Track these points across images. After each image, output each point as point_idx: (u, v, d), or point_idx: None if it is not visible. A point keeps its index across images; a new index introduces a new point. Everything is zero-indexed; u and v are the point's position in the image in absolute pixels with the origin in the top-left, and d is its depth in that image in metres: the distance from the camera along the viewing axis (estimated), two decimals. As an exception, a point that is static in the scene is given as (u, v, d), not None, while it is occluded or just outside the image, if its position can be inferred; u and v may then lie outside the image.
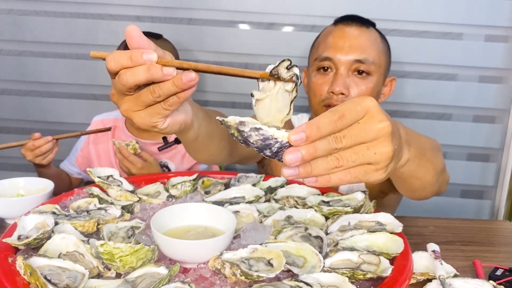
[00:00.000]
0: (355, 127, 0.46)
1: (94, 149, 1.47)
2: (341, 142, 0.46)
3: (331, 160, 0.46)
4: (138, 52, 0.52)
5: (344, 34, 1.10)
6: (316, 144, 0.45)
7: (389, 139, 0.48)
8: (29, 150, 1.25)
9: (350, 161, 0.46)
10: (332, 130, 0.45)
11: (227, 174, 1.11)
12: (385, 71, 1.14)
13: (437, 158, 0.72)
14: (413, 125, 1.68)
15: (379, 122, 0.47)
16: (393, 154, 0.49)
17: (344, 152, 0.46)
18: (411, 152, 0.60)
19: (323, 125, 0.45)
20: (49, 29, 1.63)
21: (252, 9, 1.61)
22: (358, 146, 0.47)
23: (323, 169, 0.46)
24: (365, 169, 0.48)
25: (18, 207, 0.94)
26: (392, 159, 0.49)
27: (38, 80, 1.68)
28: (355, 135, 0.46)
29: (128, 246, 0.67)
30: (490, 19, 1.59)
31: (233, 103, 1.71)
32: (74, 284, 0.63)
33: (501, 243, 0.98)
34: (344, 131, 0.46)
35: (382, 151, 0.48)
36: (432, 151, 0.71)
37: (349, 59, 1.08)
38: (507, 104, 1.66)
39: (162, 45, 1.34)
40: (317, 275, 0.68)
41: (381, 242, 0.79)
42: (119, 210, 0.90)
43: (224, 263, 0.68)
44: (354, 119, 0.46)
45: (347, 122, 0.46)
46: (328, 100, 1.10)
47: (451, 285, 0.73)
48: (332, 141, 0.46)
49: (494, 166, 1.72)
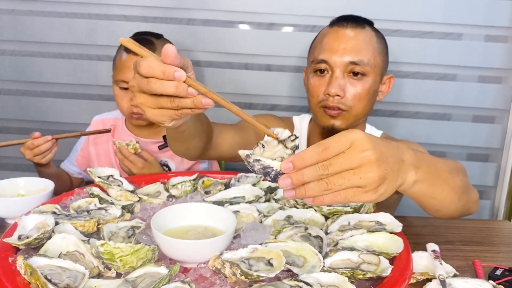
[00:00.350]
0: (340, 156, 0.55)
1: (94, 149, 1.47)
2: (327, 169, 0.55)
3: (322, 184, 0.55)
4: (171, 69, 0.59)
5: (338, 36, 1.11)
6: (303, 172, 0.55)
7: (374, 165, 0.56)
8: (28, 149, 1.25)
9: (337, 185, 0.55)
10: (316, 160, 0.55)
11: (227, 174, 1.11)
12: (382, 70, 1.14)
13: (455, 179, 0.75)
14: (413, 125, 1.69)
15: (363, 151, 0.55)
16: (379, 178, 0.56)
17: (332, 177, 0.55)
18: (419, 174, 0.65)
19: (308, 157, 0.55)
20: (50, 29, 1.63)
21: (252, 9, 1.61)
22: (345, 172, 0.55)
23: (315, 191, 0.56)
24: (354, 192, 0.56)
25: (18, 207, 0.94)
26: (380, 183, 0.57)
27: (38, 80, 1.68)
28: (340, 163, 0.55)
29: (128, 246, 0.67)
30: (490, 20, 1.59)
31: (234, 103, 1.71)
32: (74, 284, 0.63)
33: (501, 243, 0.98)
34: (330, 160, 0.55)
35: (367, 176, 0.55)
36: (449, 172, 0.75)
37: (343, 61, 1.09)
38: (507, 104, 1.66)
39: (162, 44, 1.34)
40: (317, 274, 0.68)
41: (380, 242, 0.79)
42: (119, 210, 0.90)
43: (224, 263, 0.68)
44: (338, 150, 0.55)
45: (331, 153, 0.55)
46: (324, 101, 1.12)
47: (451, 285, 0.73)
48: (319, 168, 0.55)
49: (493, 166, 1.72)
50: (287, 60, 1.64)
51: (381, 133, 1.24)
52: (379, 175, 0.56)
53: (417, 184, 0.66)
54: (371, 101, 1.14)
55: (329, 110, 1.11)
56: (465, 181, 0.78)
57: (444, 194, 0.74)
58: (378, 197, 0.58)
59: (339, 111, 1.10)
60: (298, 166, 0.56)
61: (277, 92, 1.68)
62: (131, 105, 1.32)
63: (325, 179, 0.56)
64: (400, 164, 0.62)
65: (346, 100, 1.10)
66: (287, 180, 0.56)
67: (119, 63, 1.32)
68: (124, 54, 1.31)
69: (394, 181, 0.60)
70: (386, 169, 0.57)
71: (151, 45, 1.31)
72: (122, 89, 1.33)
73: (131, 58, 1.29)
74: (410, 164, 0.64)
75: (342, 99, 1.10)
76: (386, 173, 0.57)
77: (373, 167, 0.56)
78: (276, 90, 1.68)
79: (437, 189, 0.72)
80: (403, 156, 0.63)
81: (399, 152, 0.62)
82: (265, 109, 1.70)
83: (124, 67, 1.30)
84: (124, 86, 1.31)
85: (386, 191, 0.59)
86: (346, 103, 1.10)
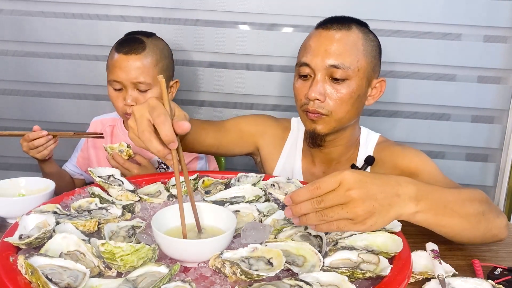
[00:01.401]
0: (330, 193, 0.66)
1: (94, 152, 1.48)
2: (320, 204, 0.66)
3: (318, 215, 0.67)
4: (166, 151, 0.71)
5: (320, 39, 1.08)
6: (301, 205, 0.68)
7: (358, 202, 0.65)
8: (25, 141, 1.26)
9: (329, 217, 0.67)
10: (310, 197, 0.67)
11: (227, 174, 1.12)
12: (369, 73, 1.10)
13: (467, 208, 0.79)
14: (412, 125, 1.69)
15: (348, 190, 0.65)
16: (365, 213, 0.66)
17: (326, 210, 0.67)
18: (421, 206, 0.72)
19: (302, 194, 0.67)
20: (51, 30, 1.64)
21: (252, 10, 1.61)
22: (335, 207, 0.66)
23: (314, 220, 0.68)
24: (345, 223, 0.67)
25: (19, 207, 0.94)
26: (367, 216, 0.67)
27: (40, 81, 1.69)
28: (330, 199, 0.66)
29: (129, 245, 0.68)
30: (489, 20, 1.59)
31: (235, 103, 1.72)
32: (75, 283, 0.64)
33: (500, 242, 0.98)
34: (322, 196, 0.66)
35: (353, 211, 0.66)
36: (460, 202, 0.78)
37: (324, 64, 1.06)
38: (506, 104, 1.66)
39: (154, 42, 1.34)
40: (317, 274, 0.68)
41: (380, 241, 0.80)
42: (120, 210, 0.90)
43: (224, 262, 0.69)
44: (328, 188, 0.66)
45: (321, 190, 0.66)
46: (306, 105, 1.09)
47: (450, 284, 0.73)
48: (314, 203, 0.67)
49: (493, 166, 1.72)
50: (287, 60, 1.64)
51: (378, 136, 1.21)
52: (365, 210, 0.66)
53: (419, 214, 0.73)
54: (355, 106, 1.10)
55: (309, 114, 1.09)
56: (480, 209, 0.80)
57: (454, 222, 0.78)
58: (368, 228, 0.68)
59: (319, 115, 1.08)
60: (296, 201, 0.68)
61: (278, 92, 1.68)
62: (124, 105, 1.31)
63: (320, 212, 0.67)
64: (394, 199, 0.69)
65: (326, 105, 1.07)
66: (289, 211, 0.70)
67: (111, 64, 1.31)
68: (116, 54, 1.30)
69: (385, 214, 0.69)
70: (373, 205, 0.67)
71: (141, 44, 1.30)
72: (115, 90, 1.32)
73: (122, 59, 1.28)
74: (409, 198, 0.71)
75: (322, 103, 1.07)
76: (373, 208, 0.67)
77: (358, 204, 0.66)
78: (277, 91, 1.68)
79: (445, 218, 0.76)
80: (399, 191, 0.70)
81: (394, 189, 0.70)
82: (266, 110, 1.71)
83: (115, 67, 1.29)
84: (117, 86, 1.30)
85: (376, 223, 0.68)
86: (326, 108, 1.07)
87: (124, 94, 1.30)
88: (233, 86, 1.69)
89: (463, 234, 0.81)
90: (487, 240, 0.87)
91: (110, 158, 1.27)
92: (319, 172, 1.22)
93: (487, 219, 0.82)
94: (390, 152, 1.15)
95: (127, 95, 1.29)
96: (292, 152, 1.26)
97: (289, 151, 1.27)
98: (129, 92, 1.29)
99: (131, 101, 1.29)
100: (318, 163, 1.23)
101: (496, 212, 0.85)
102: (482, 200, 0.83)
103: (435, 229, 0.79)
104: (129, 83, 1.29)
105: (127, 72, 1.28)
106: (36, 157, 1.28)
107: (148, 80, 1.29)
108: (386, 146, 1.18)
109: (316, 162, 1.23)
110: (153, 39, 1.35)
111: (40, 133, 1.24)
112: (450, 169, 1.69)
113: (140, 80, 1.28)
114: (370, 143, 1.19)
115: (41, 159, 1.30)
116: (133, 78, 1.28)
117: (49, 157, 1.33)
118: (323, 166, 1.22)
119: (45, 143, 1.26)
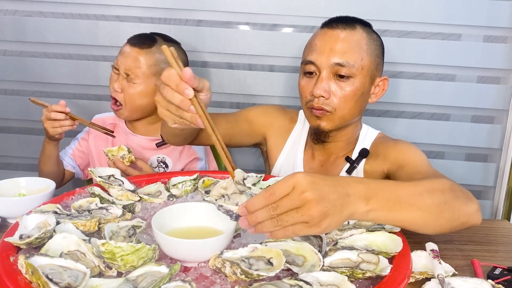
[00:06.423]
0: (284, 198, 0.65)
1: (94, 149, 1.47)
2: (275, 210, 0.65)
3: (273, 221, 0.66)
4: (183, 86, 0.72)
5: (326, 38, 1.11)
6: (257, 214, 0.66)
7: (313, 204, 0.64)
8: (47, 111, 1.27)
9: (285, 222, 0.65)
10: (265, 204, 0.65)
11: (227, 174, 1.12)
12: (372, 72, 1.13)
13: (425, 200, 0.76)
14: (412, 125, 1.69)
15: (302, 192, 0.64)
16: (320, 214, 0.65)
17: (281, 216, 0.65)
18: (372, 204, 0.71)
19: (257, 201, 0.66)
20: (51, 30, 1.64)
21: (253, 11, 1.62)
22: (290, 211, 0.65)
23: (269, 227, 0.66)
24: (301, 227, 0.65)
25: (19, 207, 0.94)
26: (322, 218, 0.65)
27: (40, 81, 1.69)
28: (285, 204, 0.65)
29: (129, 245, 0.68)
30: (489, 20, 1.59)
31: (237, 103, 1.72)
32: (75, 283, 0.64)
33: (500, 242, 0.98)
34: (278, 202, 0.65)
35: (308, 213, 0.64)
36: (416, 195, 0.76)
37: (329, 62, 1.09)
38: (506, 105, 1.66)
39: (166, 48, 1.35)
40: (317, 274, 0.69)
41: (380, 241, 0.80)
42: (120, 210, 0.90)
43: (224, 262, 0.69)
44: (283, 193, 0.65)
45: (276, 196, 0.65)
46: (310, 102, 1.12)
47: (450, 284, 0.73)
48: (269, 209, 0.65)
49: (493, 166, 1.72)
50: (290, 61, 1.64)
51: (378, 133, 1.24)
52: (319, 212, 0.65)
53: (372, 213, 0.71)
54: (359, 103, 1.13)
55: (314, 110, 1.12)
56: (442, 199, 0.78)
57: (413, 216, 0.75)
58: (323, 230, 0.67)
59: (323, 111, 1.11)
60: (251, 210, 0.67)
61: (280, 92, 1.68)
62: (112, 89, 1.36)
63: (276, 218, 0.66)
64: (345, 199, 0.68)
65: (331, 102, 1.10)
66: (245, 221, 0.67)
67: (120, 50, 1.38)
68: (126, 43, 1.36)
69: (339, 215, 0.67)
70: (326, 206, 0.65)
71: (149, 42, 1.35)
72: (114, 74, 1.37)
73: (126, 47, 1.35)
74: (359, 197, 0.70)
75: (327, 100, 1.10)
76: (327, 209, 0.65)
77: (312, 205, 0.64)
78: (279, 91, 1.68)
79: (402, 213, 0.74)
80: (349, 191, 0.69)
81: (344, 189, 0.69)
82: (267, 110, 1.71)
83: (119, 54, 1.36)
84: (115, 71, 1.36)
85: (331, 224, 0.66)
86: (330, 104, 1.10)
87: (115, 78, 1.36)
88: (236, 86, 1.69)
89: (427, 226, 0.79)
90: (457, 228, 0.83)
91: (111, 164, 1.27)
92: (317, 166, 1.24)
93: (450, 207, 0.79)
94: (384, 145, 1.17)
95: (117, 81, 1.35)
96: (296, 144, 1.29)
97: (292, 143, 1.29)
98: (119, 79, 1.35)
99: (117, 87, 1.35)
100: (317, 156, 1.25)
101: (464, 198, 0.82)
102: (445, 189, 0.80)
103: (395, 225, 0.77)
104: (122, 71, 1.34)
105: (125, 60, 1.34)
106: (48, 131, 1.28)
107: (138, 74, 1.33)
108: (382, 141, 1.20)
109: (315, 156, 1.25)
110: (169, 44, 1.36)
111: (63, 109, 1.26)
112: (450, 169, 1.69)
113: (131, 71, 1.32)
114: (368, 139, 1.21)
115: (51, 134, 1.29)
116: (126, 67, 1.33)
117: (59, 137, 1.32)
118: (322, 160, 1.24)
119: (63, 120, 1.27)
